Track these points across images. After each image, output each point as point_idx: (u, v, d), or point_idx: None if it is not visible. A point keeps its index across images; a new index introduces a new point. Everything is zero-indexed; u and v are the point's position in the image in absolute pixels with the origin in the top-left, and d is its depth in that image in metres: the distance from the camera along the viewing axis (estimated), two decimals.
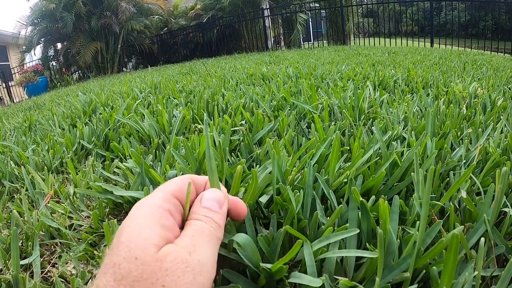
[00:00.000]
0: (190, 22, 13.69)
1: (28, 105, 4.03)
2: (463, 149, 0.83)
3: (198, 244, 0.40)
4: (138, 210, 0.41)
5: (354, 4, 11.84)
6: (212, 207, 0.46)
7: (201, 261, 0.38)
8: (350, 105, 1.26)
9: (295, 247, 0.43)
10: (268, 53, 8.78)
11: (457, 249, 0.38)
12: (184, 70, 4.98)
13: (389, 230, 0.48)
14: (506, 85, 1.95)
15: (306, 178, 0.61)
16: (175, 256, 0.37)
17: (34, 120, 2.10)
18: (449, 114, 1.13)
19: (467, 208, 0.60)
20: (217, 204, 0.46)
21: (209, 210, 0.45)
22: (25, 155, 1.23)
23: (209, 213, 0.45)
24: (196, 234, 0.41)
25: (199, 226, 0.43)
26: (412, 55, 4.76)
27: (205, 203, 0.46)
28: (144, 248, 0.37)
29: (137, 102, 1.81)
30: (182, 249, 0.38)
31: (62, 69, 12.96)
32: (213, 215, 0.45)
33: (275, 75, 2.60)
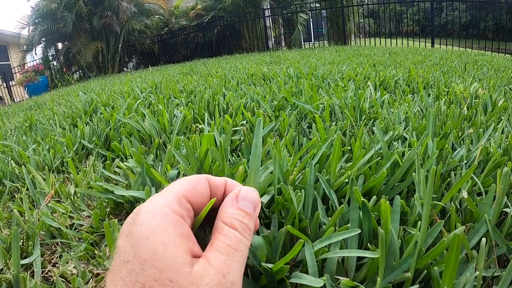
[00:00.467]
0: (191, 22, 13.70)
1: (29, 105, 4.03)
2: (464, 150, 0.83)
3: (232, 264, 0.38)
4: (152, 217, 0.37)
5: (355, 4, 11.84)
6: (248, 209, 0.42)
7: (233, 283, 0.37)
8: (351, 105, 1.26)
9: (296, 247, 0.43)
10: (269, 53, 8.78)
11: (459, 250, 0.38)
12: (184, 70, 4.98)
13: (390, 230, 0.48)
14: (507, 86, 1.95)
15: (307, 178, 0.61)
16: (210, 279, 0.35)
17: (35, 120, 2.10)
18: (450, 114, 1.13)
19: (468, 209, 0.60)
20: (252, 206, 0.43)
21: (245, 213, 0.41)
22: (26, 155, 1.23)
23: (245, 218, 0.41)
24: (231, 252, 0.38)
25: (234, 238, 0.39)
26: (413, 55, 4.76)
27: (242, 204, 0.42)
28: (176, 269, 0.34)
29: (138, 102, 1.81)
30: (217, 271, 0.36)
31: (63, 69, 12.97)
32: (248, 220, 0.41)
33: (276, 75, 2.60)
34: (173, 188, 0.41)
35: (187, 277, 0.34)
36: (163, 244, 0.35)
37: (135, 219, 0.37)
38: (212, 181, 0.45)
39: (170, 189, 0.41)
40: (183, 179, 0.43)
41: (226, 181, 0.46)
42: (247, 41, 12.67)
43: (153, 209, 0.38)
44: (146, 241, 0.35)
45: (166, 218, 0.37)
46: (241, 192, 0.43)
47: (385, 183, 0.68)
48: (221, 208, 0.42)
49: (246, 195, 0.43)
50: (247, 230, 0.41)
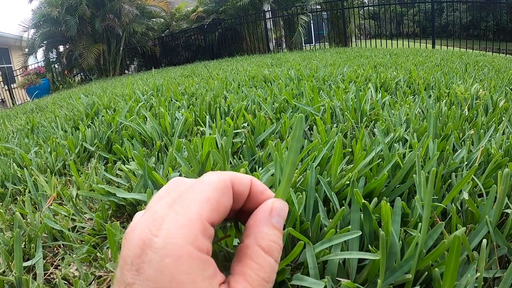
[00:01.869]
0: (192, 24, 13.73)
1: (31, 108, 4.03)
2: (464, 151, 0.83)
3: None
4: (176, 266, 0.30)
5: (355, 6, 11.84)
6: (279, 224, 0.36)
7: None
8: (352, 107, 1.26)
9: (297, 249, 0.44)
10: (269, 55, 8.78)
11: (459, 251, 0.38)
12: (186, 73, 4.98)
13: (391, 232, 0.48)
14: (508, 86, 1.95)
15: (308, 180, 0.61)
16: None
17: (37, 122, 2.11)
18: (451, 115, 1.14)
19: (469, 210, 0.60)
20: (283, 222, 0.37)
21: (279, 232, 0.36)
22: (28, 157, 1.23)
23: (280, 238, 0.36)
24: (263, 285, 0.33)
25: (269, 269, 0.34)
26: (414, 56, 4.76)
27: (276, 220, 0.36)
28: None
29: (139, 105, 1.82)
30: None
31: (65, 72, 13.00)
32: (278, 237, 0.36)
33: (277, 77, 2.60)
34: (196, 207, 0.33)
35: None
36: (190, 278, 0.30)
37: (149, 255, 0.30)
38: (237, 183, 0.37)
39: (193, 209, 0.33)
40: (206, 187, 0.35)
41: (251, 180, 0.39)
42: (248, 43, 12.68)
43: (177, 252, 0.30)
44: (168, 284, 0.29)
45: (192, 263, 0.30)
46: (276, 207, 0.37)
47: (386, 185, 0.68)
48: (254, 223, 0.36)
49: (280, 209, 0.38)
50: (278, 252, 0.35)
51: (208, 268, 0.31)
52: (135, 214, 0.40)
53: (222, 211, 0.35)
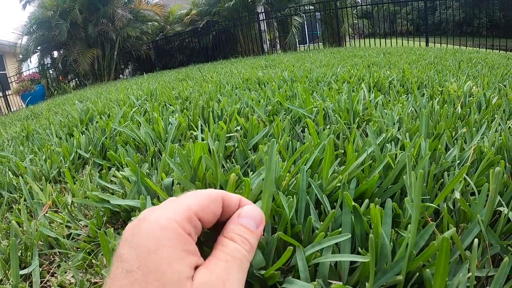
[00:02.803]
0: (186, 27, 13.72)
1: (26, 114, 4.03)
2: (456, 150, 0.83)
3: (232, 272, 0.39)
4: (162, 232, 0.37)
5: (348, 6, 11.85)
6: (249, 225, 0.44)
7: None
8: (344, 108, 1.27)
9: (286, 254, 0.44)
10: (264, 56, 8.79)
11: (448, 253, 0.38)
12: (180, 76, 4.98)
13: (381, 234, 0.48)
14: (501, 82, 1.96)
15: (299, 183, 0.61)
16: (211, 286, 0.37)
17: (32, 130, 2.11)
18: (443, 114, 1.14)
19: (462, 209, 0.60)
20: (255, 223, 0.44)
21: (246, 229, 0.43)
22: (23, 165, 1.23)
23: (246, 233, 0.43)
24: (229, 260, 0.40)
25: (232, 249, 0.41)
26: (407, 55, 4.77)
27: (243, 221, 0.44)
28: (180, 284, 0.36)
29: (133, 110, 1.81)
30: (217, 279, 0.38)
31: (59, 77, 12.97)
32: (249, 235, 0.43)
33: (270, 79, 2.60)
34: (187, 202, 0.42)
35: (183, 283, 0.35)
36: (170, 260, 0.36)
37: (141, 227, 0.38)
38: (227, 199, 0.45)
39: (184, 202, 0.41)
40: (199, 194, 0.43)
41: (240, 199, 0.47)
42: (242, 45, 12.68)
43: (164, 223, 0.38)
44: (153, 255, 0.36)
45: (175, 235, 0.38)
46: (244, 210, 0.45)
47: (378, 186, 0.68)
48: (225, 225, 0.44)
49: (249, 212, 0.45)
50: (246, 243, 0.42)
51: (188, 244, 0.38)
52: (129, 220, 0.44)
53: (210, 213, 0.42)
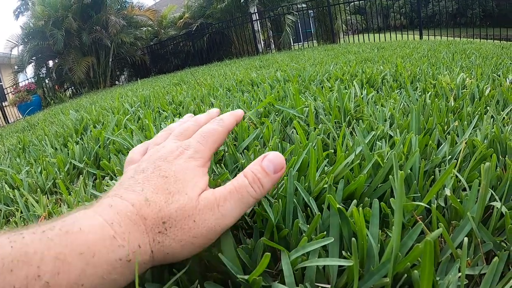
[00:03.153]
0: (179, 31, 13.75)
1: (22, 126, 4.02)
2: (447, 145, 0.83)
3: (229, 200, 0.47)
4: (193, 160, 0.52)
5: (341, 2, 11.86)
6: (267, 168, 0.50)
7: (224, 216, 0.46)
8: (334, 106, 1.26)
9: (264, 260, 0.44)
10: (258, 57, 8.79)
11: (432, 256, 0.38)
12: (175, 80, 4.97)
13: (366, 236, 0.48)
14: (495, 72, 1.95)
15: (287, 186, 0.61)
16: (207, 202, 0.46)
17: (28, 141, 2.10)
18: (434, 108, 1.13)
19: (453, 206, 0.60)
20: (273, 168, 0.50)
21: (262, 170, 0.50)
22: (19, 178, 1.23)
23: (260, 173, 0.50)
24: (232, 191, 0.48)
25: (240, 183, 0.49)
26: (401, 49, 4.76)
27: (264, 162, 0.51)
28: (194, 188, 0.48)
29: (126, 117, 1.81)
30: (214, 199, 0.47)
31: (55, 87, 12.99)
32: (263, 176, 0.50)
33: (263, 80, 2.60)
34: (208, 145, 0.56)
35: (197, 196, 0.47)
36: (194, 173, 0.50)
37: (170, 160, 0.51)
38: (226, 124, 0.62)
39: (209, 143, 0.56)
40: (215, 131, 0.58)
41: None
42: (236, 46, 12.71)
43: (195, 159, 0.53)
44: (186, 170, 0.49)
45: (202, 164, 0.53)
46: (269, 154, 0.52)
47: (368, 185, 0.68)
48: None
49: (272, 157, 0.51)
50: (257, 183, 0.49)
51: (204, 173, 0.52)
52: None
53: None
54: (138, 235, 0.41)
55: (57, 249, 0.36)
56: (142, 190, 0.45)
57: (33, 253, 0.35)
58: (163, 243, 0.43)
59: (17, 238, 0.36)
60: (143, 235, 0.42)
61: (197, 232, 0.44)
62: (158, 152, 0.53)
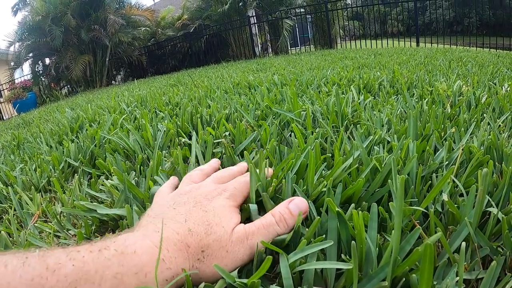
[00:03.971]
0: (177, 32, 13.73)
1: (17, 123, 4.00)
2: (444, 151, 0.83)
3: (257, 235, 0.53)
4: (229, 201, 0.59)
5: (339, 8, 11.88)
6: (293, 210, 0.56)
7: (251, 247, 0.52)
8: (332, 110, 1.26)
9: (266, 263, 0.44)
10: (255, 60, 8.80)
11: (431, 259, 0.38)
12: (171, 82, 4.97)
13: (365, 240, 0.48)
14: (491, 81, 1.96)
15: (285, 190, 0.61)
16: (239, 236, 0.52)
17: (22, 138, 2.09)
18: (431, 114, 1.14)
19: (450, 211, 0.60)
20: (298, 210, 0.57)
21: (288, 212, 0.56)
22: (13, 175, 1.22)
23: (287, 214, 0.56)
24: (260, 227, 0.54)
25: (268, 220, 0.55)
26: (398, 55, 4.78)
27: (290, 205, 0.57)
28: (229, 221, 0.55)
29: (123, 117, 1.80)
30: (245, 233, 0.53)
31: (51, 84, 12.93)
32: (289, 217, 0.56)
33: (261, 83, 2.60)
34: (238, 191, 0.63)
35: (231, 229, 0.53)
36: (230, 211, 0.57)
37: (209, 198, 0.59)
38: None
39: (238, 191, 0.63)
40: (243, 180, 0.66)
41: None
42: (234, 49, 12.70)
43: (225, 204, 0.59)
44: (223, 207, 0.57)
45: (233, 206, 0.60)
46: (295, 198, 0.59)
47: (366, 189, 0.68)
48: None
49: (297, 201, 0.58)
50: (283, 222, 0.55)
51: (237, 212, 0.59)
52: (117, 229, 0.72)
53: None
54: (182, 260, 0.47)
55: (114, 269, 0.41)
56: (185, 221, 0.52)
57: (94, 272, 0.40)
58: (199, 269, 0.48)
59: (76, 256, 0.41)
60: (185, 261, 0.47)
61: (228, 261, 0.50)
62: (198, 189, 0.61)
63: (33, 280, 0.37)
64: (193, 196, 0.59)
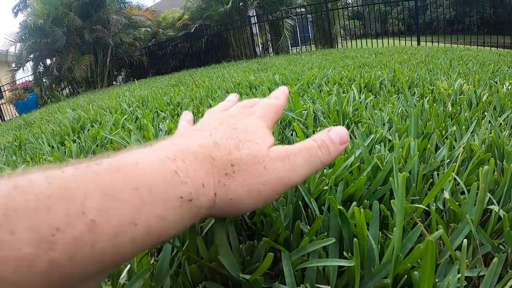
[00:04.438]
0: (178, 32, 13.73)
1: (18, 123, 4.01)
2: (445, 149, 0.83)
3: (299, 157, 0.46)
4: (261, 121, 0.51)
5: (339, 7, 11.88)
6: (334, 138, 0.49)
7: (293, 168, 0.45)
8: (333, 109, 1.26)
9: (267, 260, 0.44)
10: (256, 60, 8.79)
11: (433, 256, 0.38)
12: (172, 82, 4.97)
13: (367, 237, 0.48)
14: (492, 79, 1.96)
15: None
16: (278, 153, 0.45)
17: (24, 139, 2.09)
18: (432, 113, 1.14)
19: (451, 209, 0.60)
20: (339, 140, 0.50)
21: (330, 139, 0.49)
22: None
23: (328, 141, 0.49)
24: (302, 149, 0.47)
25: (310, 145, 0.48)
26: (398, 54, 4.78)
27: (331, 133, 0.50)
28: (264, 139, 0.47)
29: (124, 117, 1.81)
30: (285, 151, 0.45)
31: (52, 85, 12.93)
32: (331, 144, 0.49)
33: (262, 83, 2.60)
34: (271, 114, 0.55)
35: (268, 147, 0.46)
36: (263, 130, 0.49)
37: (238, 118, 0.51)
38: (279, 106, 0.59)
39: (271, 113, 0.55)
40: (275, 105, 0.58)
41: None
42: (234, 49, 12.69)
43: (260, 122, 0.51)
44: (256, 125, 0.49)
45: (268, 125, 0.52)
46: (335, 127, 0.51)
47: (367, 188, 0.68)
48: None
49: (338, 130, 0.51)
50: (325, 147, 0.48)
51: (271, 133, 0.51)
52: None
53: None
54: (203, 174, 0.38)
55: (106, 184, 0.31)
56: (210, 135, 0.44)
57: (75, 189, 0.29)
58: (229, 186, 0.40)
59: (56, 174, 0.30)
60: (208, 175, 0.38)
61: (267, 179, 0.42)
62: (224, 112, 0.54)
63: None
64: (219, 117, 0.51)
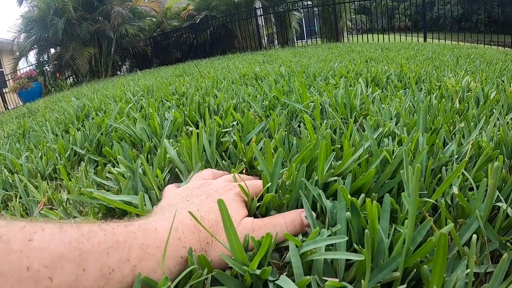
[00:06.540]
0: (183, 23, 13.69)
1: (22, 112, 4.01)
2: (454, 145, 0.82)
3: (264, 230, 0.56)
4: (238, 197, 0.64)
5: (346, 1, 11.82)
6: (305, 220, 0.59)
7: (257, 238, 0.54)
8: (341, 102, 1.26)
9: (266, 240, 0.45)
10: (261, 52, 8.77)
11: (446, 249, 0.38)
12: (177, 72, 4.96)
13: (378, 230, 0.47)
14: (499, 78, 1.95)
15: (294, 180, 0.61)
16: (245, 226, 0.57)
17: (28, 127, 2.09)
18: (441, 109, 1.13)
19: (460, 204, 0.59)
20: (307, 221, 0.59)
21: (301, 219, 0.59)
22: (19, 163, 1.22)
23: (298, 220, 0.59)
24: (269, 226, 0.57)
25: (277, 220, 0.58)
26: (405, 50, 4.76)
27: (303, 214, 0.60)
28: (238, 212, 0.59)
29: (129, 106, 1.80)
30: (252, 226, 0.57)
31: (56, 74, 12.92)
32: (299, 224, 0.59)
33: (267, 75, 2.59)
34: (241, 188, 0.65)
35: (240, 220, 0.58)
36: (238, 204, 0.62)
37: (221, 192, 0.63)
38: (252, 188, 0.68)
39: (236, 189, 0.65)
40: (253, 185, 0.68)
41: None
42: (240, 41, 12.66)
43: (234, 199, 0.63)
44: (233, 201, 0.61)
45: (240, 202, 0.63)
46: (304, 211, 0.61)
47: (375, 181, 0.68)
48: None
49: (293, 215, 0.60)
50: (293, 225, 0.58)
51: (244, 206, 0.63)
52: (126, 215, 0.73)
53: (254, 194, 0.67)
54: (194, 242, 0.52)
55: (140, 240, 0.46)
56: (198, 210, 0.57)
57: (123, 241, 0.45)
58: (208, 252, 0.53)
59: (107, 228, 0.45)
60: (197, 243, 0.52)
61: None
62: (210, 185, 0.66)
63: (71, 244, 0.41)
64: (205, 190, 0.64)
